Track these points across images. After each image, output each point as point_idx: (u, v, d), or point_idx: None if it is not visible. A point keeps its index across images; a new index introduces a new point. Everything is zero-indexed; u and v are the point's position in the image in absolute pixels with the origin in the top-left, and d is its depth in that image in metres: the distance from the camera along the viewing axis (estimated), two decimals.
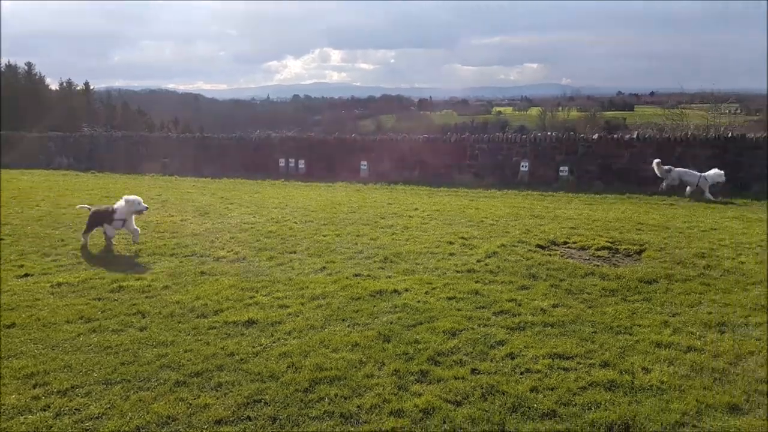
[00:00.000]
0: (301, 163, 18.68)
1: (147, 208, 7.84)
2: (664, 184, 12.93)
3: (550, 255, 7.16)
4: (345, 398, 3.63)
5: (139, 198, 7.73)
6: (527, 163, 15.55)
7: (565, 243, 7.87)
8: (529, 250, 7.37)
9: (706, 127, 16.17)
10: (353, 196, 12.95)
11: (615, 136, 15.16)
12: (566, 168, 15.05)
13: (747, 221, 9.59)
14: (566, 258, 7.05)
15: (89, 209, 7.88)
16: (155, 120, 70.70)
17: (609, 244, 7.65)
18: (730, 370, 3.94)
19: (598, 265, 6.69)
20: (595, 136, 15.15)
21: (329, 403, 3.57)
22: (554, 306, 5.28)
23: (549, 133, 16.35)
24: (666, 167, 12.93)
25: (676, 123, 16.92)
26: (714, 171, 12.34)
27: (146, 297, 5.61)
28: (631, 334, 4.60)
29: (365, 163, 17.51)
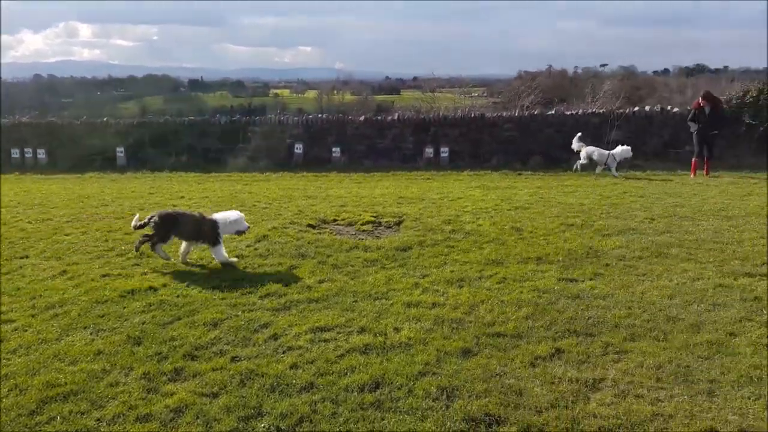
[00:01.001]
0: (42, 153, 16.09)
1: (248, 227, 6.26)
2: (578, 163, 12.84)
3: (319, 233, 7.32)
4: (82, 413, 3.19)
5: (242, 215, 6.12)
6: (301, 145, 15.73)
7: (335, 221, 8.13)
8: (300, 230, 7.44)
9: (454, 109, 18.24)
10: (107, 188, 11.60)
11: (378, 117, 16.20)
12: (338, 149, 15.61)
13: (487, 189, 11.08)
14: (335, 235, 7.28)
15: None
16: None
17: (373, 219, 8.12)
18: (465, 319, 4.47)
19: (362, 239, 7.04)
20: (362, 118, 15.99)
21: (62, 422, 3.11)
22: (320, 282, 5.39)
23: (321, 116, 16.77)
24: (578, 144, 12.80)
25: (430, 105, 18.76)
26: (620, 148, 12.22)
27: None
28: (387, 299, 4.93)
29: (122, 149, 15.82)
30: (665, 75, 71.61)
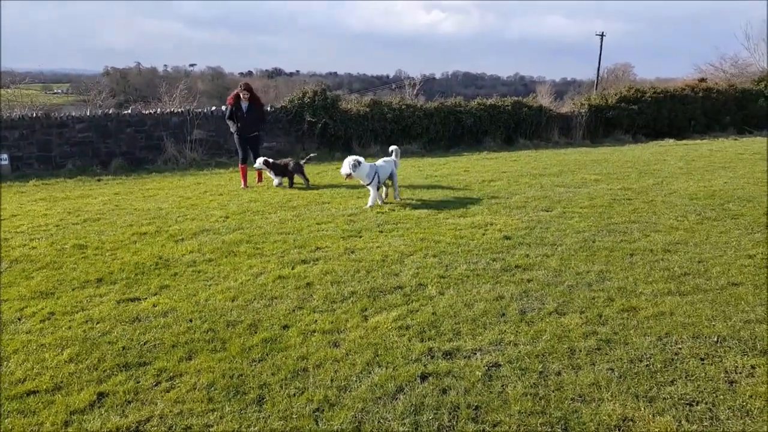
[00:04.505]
0: None
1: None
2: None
3: None
4: None
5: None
6: None
7: None
8: None
9: (10, 107, 15.17)
10: None
11: None
12: None
13: (53, 201, 9.49)
14: None
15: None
16: None
17: None
18: None
19: None
20: None
21: None
22: None
23: None
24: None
25: None
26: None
27: None
28: None
29: None
30: (250, 76, 78.41)
